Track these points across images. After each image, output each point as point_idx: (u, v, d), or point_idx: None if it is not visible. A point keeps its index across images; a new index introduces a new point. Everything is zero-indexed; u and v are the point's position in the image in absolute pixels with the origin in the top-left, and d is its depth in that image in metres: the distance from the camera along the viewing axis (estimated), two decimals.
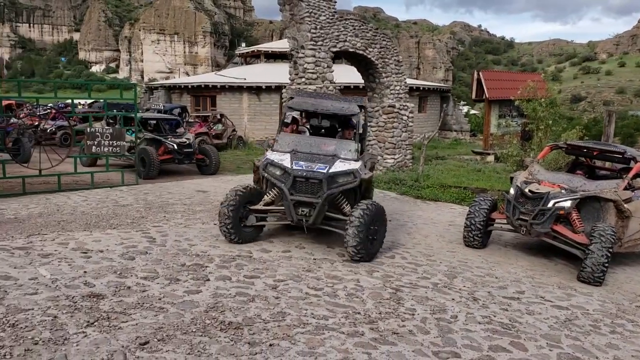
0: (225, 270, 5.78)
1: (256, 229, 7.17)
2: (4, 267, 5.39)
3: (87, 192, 10.53)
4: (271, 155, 7.03)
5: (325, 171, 6.66)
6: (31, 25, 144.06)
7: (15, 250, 6.06)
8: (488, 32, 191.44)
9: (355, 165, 6.90)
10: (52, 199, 9.57)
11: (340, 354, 3.96)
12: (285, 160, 6.86)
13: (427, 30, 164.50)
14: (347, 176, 6.78)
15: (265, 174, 6.91)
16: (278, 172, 6.81)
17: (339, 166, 6.81)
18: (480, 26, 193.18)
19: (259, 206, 7.06)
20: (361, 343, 4.17)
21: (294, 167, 6.72)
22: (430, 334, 4.48)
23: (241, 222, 6.92)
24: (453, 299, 5.40)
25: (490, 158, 18.46)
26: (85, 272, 5.37)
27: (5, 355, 3.54)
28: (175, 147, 13.90)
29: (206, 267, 5.84)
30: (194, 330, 4.13)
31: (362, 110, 8.07)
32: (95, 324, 4.10)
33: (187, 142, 14.24)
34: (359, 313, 4.79)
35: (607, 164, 9.56)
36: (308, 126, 8.60)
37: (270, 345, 3.99)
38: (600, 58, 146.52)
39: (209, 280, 5.39)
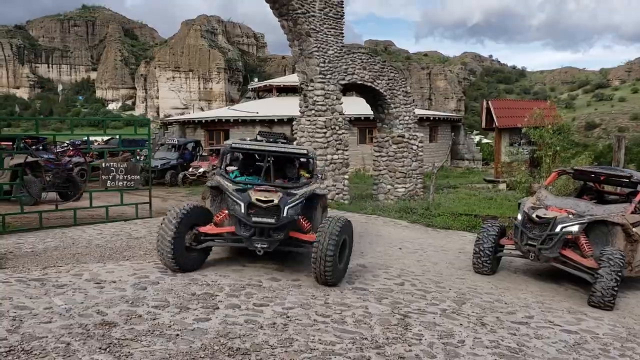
0: (234, 298, 5.86)
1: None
2: (20, 297, 5.53)
3: (102, 225, 10.72)
4: None
5: None
6: (50, 65, 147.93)
7: (31, 281, 6.21)
8: (499, 61, 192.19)
9: None
10: (67, 233, 9.77)
11: None
12: None
13: (438, 61, 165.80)
14: None
15: None
16: None
17: None
18: (491, 56, 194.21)
19: None
20: None
21: None
22: (437, 358, 4.50)
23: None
24: (461, 324, 5.42)
25: (502, 186, 18.47)
26: (98, 301, 5.50)
27: None
28: None
29: (216, 295, 5.93)
30: (202, 355, 4.21)
31: None
32: (107, 349, 4.20)
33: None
34: (366, 339, 4.83)
35: (619, 189, 9.56)
36: None
37: None
38: (613, 85, 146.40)
39: (218, 308, 5.48)
